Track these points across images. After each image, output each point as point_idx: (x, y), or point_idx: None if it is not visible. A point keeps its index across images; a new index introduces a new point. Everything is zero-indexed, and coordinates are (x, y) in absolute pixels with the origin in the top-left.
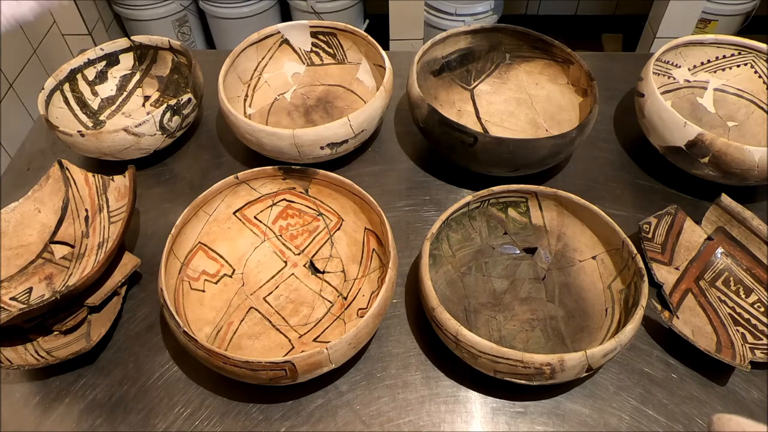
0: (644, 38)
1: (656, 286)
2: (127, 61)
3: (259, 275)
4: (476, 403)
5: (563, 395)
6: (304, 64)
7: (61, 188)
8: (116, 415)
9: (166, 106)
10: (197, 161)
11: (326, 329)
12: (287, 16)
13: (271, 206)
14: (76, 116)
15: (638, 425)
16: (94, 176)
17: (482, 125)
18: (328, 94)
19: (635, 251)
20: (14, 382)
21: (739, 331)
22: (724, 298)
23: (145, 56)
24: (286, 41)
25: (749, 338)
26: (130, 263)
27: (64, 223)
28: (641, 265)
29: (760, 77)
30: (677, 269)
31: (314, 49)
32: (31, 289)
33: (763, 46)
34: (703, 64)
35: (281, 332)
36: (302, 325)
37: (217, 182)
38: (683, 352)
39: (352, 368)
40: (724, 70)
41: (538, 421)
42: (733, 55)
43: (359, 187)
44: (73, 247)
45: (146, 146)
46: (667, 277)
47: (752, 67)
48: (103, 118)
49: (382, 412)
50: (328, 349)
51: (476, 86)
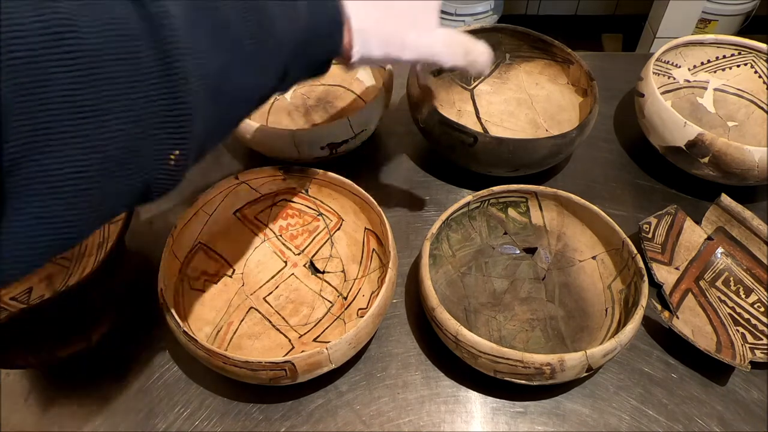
0: (644, 38)
1: (656, 286)
2: None
3: (259, 275)
4: (476, 403)
5: (563, 395)
6: None
7: None
8: (116, 415)
9: None
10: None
11: (326, 329)
12: None
13: (271, 206)
14: None
15: (638, 425)
16: None
17: (482, 125)
18: (328, 94)
19: (635, 251)
20: (14, 382)
21: (739, 331)
22: (724, 298)
23: None
24: None
25: (749, 338)
26: (129, 263)
27: None
28: (641, 265)
29: (760, 77)
30: (677, 269)
31: None
32: (31, 289)
33: (763, 46)
34: (703, 64)
35: (281, 332)
36: (302, 325)
37: (217, 182)
38: (683, 352)
39: (352, 368)
40: (724, 70)
41: (538, 421)
42: (733, 55)
43: (359, 187)
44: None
45: None
46: (667, 277)
47: (752, 67)
48: None
49: (382, 412)
50: (328, 349)
51: (476, 86)
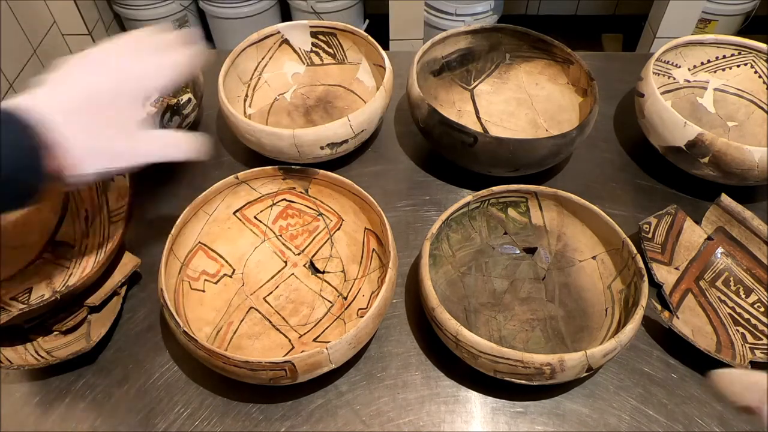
0: (644, 38)
1: (656, 286)
2: None
3: (259, 275)
4: (476, 403)
5: (563, 395)
6: (304, 64)
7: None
8: (116, 415)
9: (166, 106)
10: (197, 161)
11: (326, 329)
12: (287, 16)
13: (271, 206)
14: None
15: (638, 425)
16: None
17: (482, 125)
18: (328, 94)
19: (635, 251)
20: (14, 382)
21: (739, 331)
22: (724, 298)
23: None
24: (286, 41)
25: (749, 338)
26: (130, 263)
27: (64, 223)
28: (641, 265)
29: (760, 77)
30: (677, 269)
31: (314, 49)
32: (31, 289)
33: (763, 46)
34: (703, 64)
35: (281, 332)
36: (302, 325)
37: (217, 182)
38: (683, 352)
39: (352, 368)
40: (724, 70)
41: (538, 421)
42: (733, 55)
43: (359, 187)
44: (73, 247)
45: None
46: (667, 277)
47: (752, 67)
48: None
49: (382, 412)
50: (328, 349)
51: (476, 86)
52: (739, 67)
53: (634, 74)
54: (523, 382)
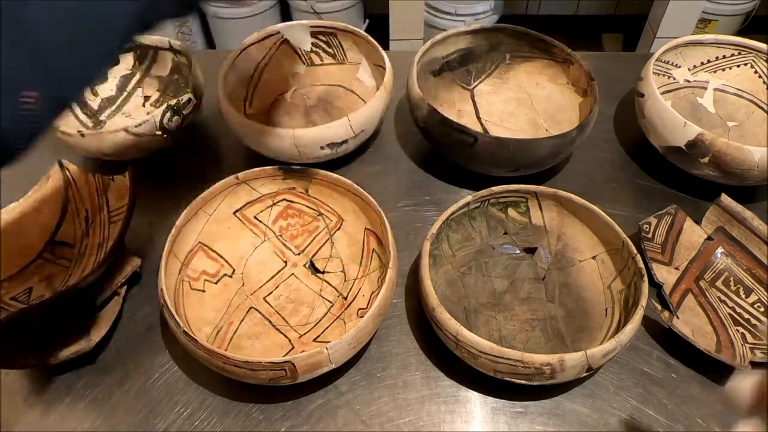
0: (644, 38)
1: (656, 286)
2: (127, 61)
3: (259, 275)
4: (476, 403)
5: (563, 395)
6: (304, 64)
7: (61, 188)
8: (116, 415)
9: (166, 106)
10: (197, 161)
11: (326, 329)
12: (287, 16)
13: (271, 206)
14: (76, 116)
15: (638, 425)
16: (94, 176)
17: (482, 125)
18: (328, 94)
19: (635, 251)
20: (14, 382)
21: (739, 331)
22: (724, 298)
23: (145, 56)
24: (286, 41)
25: (749, 338)
26: (130, 263)
27: (64, 223)
28: (641, 265)
29: (760, 77)
30: (677, 269)
31: (314, 49)
32: (31, 289)
33: (763, 46)
34: (703, 64)
35: (281, 332)
36: (302, 325)
37: (217, 182)
38: (683, 352)
39: (352, 368)
40: (724, 70)
41: (538, 421)
42: (733, 55)
43: (359, 187)
44: (73, 247)
45: (146, 146)
46: (667, 277)
47: (752, 67)
48: (103, 118)
49: (382, 412)
50: (328, 349)
51: (476, 86)
52: (739, 67)
53: (634, 74)
54: (523, 382)
